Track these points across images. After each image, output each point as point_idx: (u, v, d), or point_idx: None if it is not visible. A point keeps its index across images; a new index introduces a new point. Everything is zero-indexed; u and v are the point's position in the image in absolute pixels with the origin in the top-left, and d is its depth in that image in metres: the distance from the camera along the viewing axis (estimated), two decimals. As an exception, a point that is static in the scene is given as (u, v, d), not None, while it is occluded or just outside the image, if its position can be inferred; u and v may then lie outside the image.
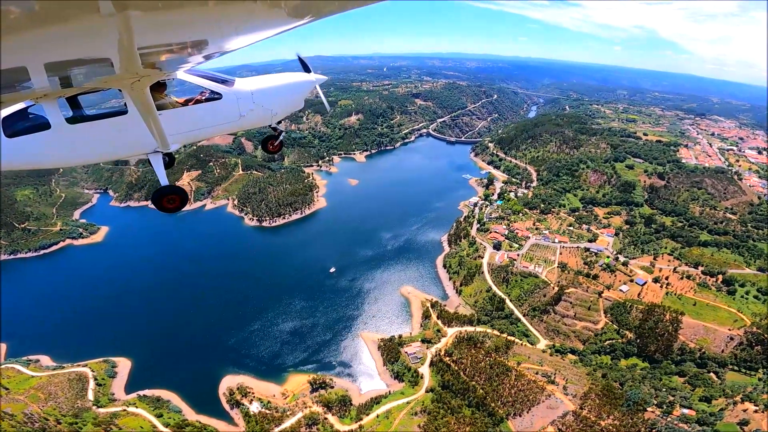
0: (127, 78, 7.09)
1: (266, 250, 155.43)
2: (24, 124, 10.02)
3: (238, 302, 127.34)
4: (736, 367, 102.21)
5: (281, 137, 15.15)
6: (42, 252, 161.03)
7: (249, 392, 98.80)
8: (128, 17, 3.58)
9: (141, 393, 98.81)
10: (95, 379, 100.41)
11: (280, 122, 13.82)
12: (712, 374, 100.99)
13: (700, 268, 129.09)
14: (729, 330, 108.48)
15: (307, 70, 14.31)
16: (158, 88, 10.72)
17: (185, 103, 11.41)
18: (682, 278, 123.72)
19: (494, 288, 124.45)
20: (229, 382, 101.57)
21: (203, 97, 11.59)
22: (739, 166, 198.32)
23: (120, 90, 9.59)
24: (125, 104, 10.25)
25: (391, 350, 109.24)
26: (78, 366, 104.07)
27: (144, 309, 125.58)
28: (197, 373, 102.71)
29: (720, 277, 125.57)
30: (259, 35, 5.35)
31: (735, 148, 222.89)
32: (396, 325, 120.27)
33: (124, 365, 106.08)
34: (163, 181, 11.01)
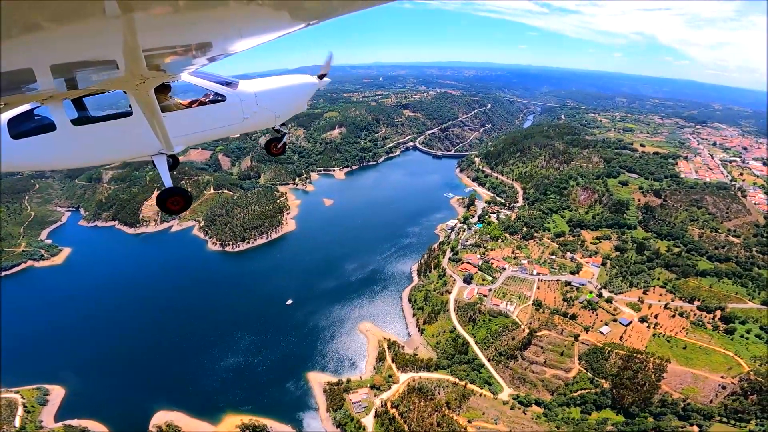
0: (132, 80, 7.12)
1: (224, 278, 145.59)
2: (29, 125, 9.97)
3: (187, 333, 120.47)
4: (724, 419, 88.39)
5: (284, 139, 14.90)
6: (3, 273, 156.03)
7: (178, 431, 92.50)
8: (133, 19, 3.59)
9: (68, 423, 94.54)
10: (24, 407, 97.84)
11: (283, 124, 13.64)
12: (694, 427, 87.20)
13: (696, 303, 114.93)
14: (722, 378, 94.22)
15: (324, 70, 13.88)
16: (163, 89, 10.57)
17: (189, 105, 11.24)
18: (674, 316, 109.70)
19: (459, 328, 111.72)
20: (161, 417, 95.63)
21: (207, 99, 11.45)
22: (743, 180, 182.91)
23: (125, 92, 9.47)
24: (130, 106, 10.15)
25: (336, 396, 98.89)
26: (9, 392, 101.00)
27: (89, 336, 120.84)
28: (131, 406, 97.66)
29: (718, 313, 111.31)
30: (262, 37, 5.28)
31: (738, 159, 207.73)
32: (348, 366, 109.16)
33: (57, 393, 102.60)
34: (168, 183, 10.74)
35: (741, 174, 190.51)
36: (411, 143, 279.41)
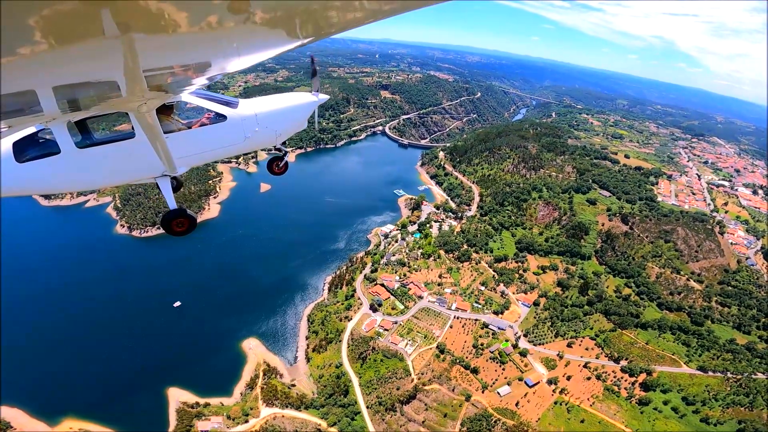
0: (134, 101, 7.21)
1: (118, 267, 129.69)
2: (34, 149, 9.86)
3: (56, 324, 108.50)
4: None
5: (286, 158, 14.92)
6: None
7: (9, 429, 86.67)
8: (132, 39, 3.71)
9: None
10: None
11: (284, 143, 13.57)
12: None
13: (622, 363, 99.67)
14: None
15: (314, 72, 14.02)
16: (164, 111, 10.51)
17: (191, 126, 11.12)
18: (589, 378, 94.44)
19: (346, 364, 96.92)
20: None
21: (209, 120, 11.37)
22: (726, 212, 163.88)
23: (127, 114, 9.44)
24: (133, 128, 10.02)
25: (187, 418, 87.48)
26: None
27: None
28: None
29: (642, 377, 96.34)
30: (260, 55, 5.39)
31: (727, 183, 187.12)
32: (215, 387, 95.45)
33: None
34: (172, 204, 10.71)
35: (726, 203, 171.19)
36: (380, 128, 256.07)
